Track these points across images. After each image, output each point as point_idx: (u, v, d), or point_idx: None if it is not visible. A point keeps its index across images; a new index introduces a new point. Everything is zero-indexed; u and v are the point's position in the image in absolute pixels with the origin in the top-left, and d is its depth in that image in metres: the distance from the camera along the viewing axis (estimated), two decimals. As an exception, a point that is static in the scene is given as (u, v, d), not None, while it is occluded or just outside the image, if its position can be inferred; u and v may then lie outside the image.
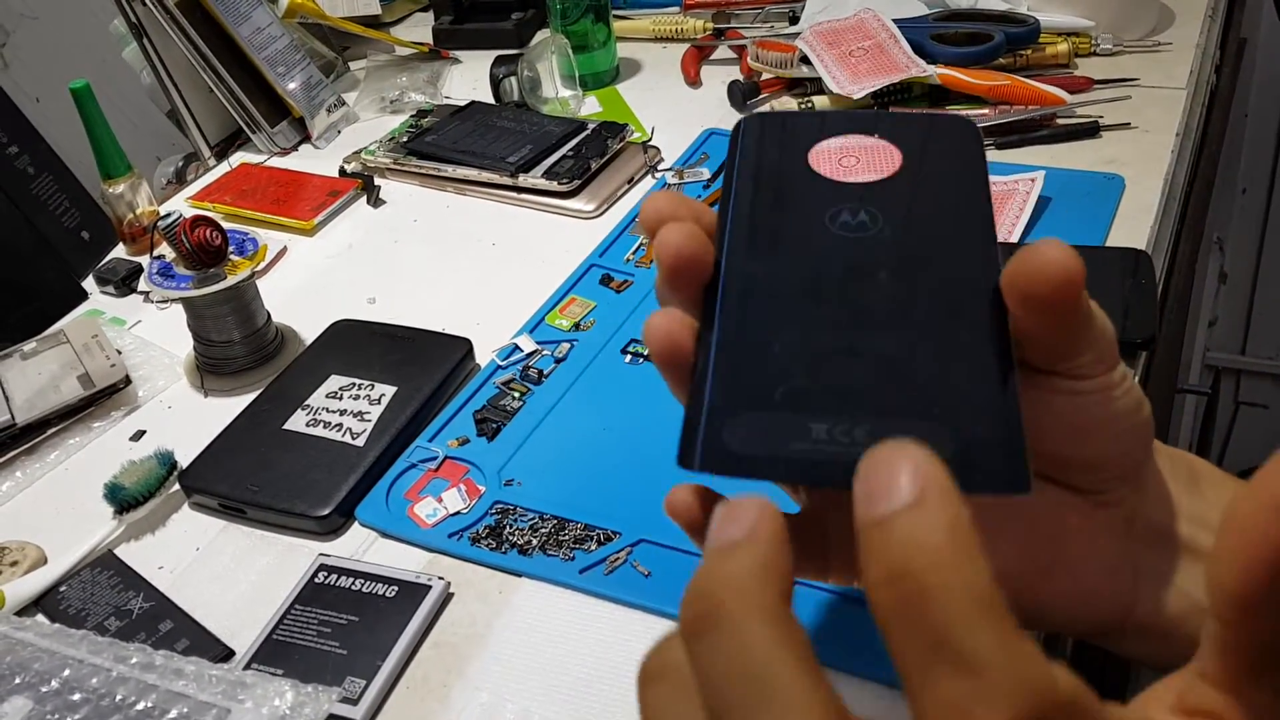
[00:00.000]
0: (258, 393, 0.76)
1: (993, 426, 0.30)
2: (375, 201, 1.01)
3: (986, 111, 0.95)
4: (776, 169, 0.39)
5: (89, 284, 0.95)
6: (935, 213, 0.37)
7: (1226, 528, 0.23)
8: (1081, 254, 0.33)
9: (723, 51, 1.18)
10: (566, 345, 0.77)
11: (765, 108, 1.04)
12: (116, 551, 0.67)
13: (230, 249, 0.77)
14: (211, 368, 0.80)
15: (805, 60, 1.02)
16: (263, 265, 0.79)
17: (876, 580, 0.22)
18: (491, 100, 1.11)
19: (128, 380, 0.79)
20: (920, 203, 0.37)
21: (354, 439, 0.70)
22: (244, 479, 0.68)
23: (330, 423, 0.71)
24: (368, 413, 0.71)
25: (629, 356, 0.76)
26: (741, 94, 1.06)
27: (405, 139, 1.05)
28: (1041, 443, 0.38)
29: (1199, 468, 0.42)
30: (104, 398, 0.78)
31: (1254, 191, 1.73)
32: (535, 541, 0.62)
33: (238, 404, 0.75)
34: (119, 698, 0.53)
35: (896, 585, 0.21)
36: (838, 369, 0.31)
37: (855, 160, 0.40)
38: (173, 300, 0.85)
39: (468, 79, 1.21)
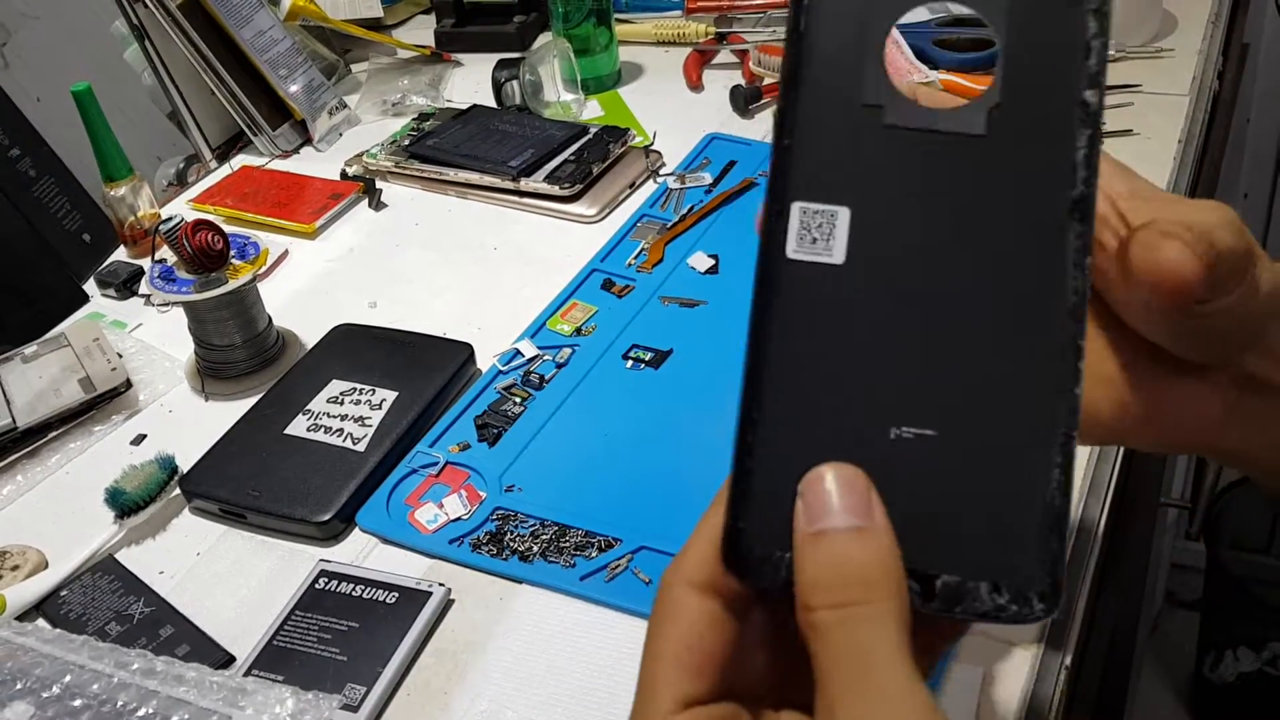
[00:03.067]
0: (259, 397, 0.76)
1: (1026, 560, 0.29)
2: (377, 205, 1.01)
3: (988, 117, 0.95)
4: (835, 95, 0.32)
5: (90, 287, 0.95)
6: (1021, 189, 0.31)
7: None
8: None
9: (725, 56, 1.18)
10: (568, 350, 0.77)
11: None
12: (117, 556, 0.67)
13: (232, 253, 0.77)
14: (212, 371, 0.80)
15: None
16: (264, 269, 0.79)
17: (812, 592, 0.24)
18: (493, 103, 1.11)
19: (129, 384, 0.79)
20: (1002, 171, 0.32)
21: (355, 444, 0.70)
22: (245, 484, 0.68)
23: (331, 428, 0.71)
24: (369, 418, 0.71)
25: (630, 362, 0.76)
26: (744, 99, 1.06)
27: (407, 142, 1.05)
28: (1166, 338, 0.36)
29: None
30: (105, 401, 0.78)
31: (1255, 197, 1.73)
32: (536, 548, 0.62)
33: (239, 408, 0.75)
34: (120, 704, 0.53)
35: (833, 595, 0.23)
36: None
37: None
38: (174, 304, 0.85)
39: (469, 82, 1.21)
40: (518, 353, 0.77)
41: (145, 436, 0.77)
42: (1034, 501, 0.29)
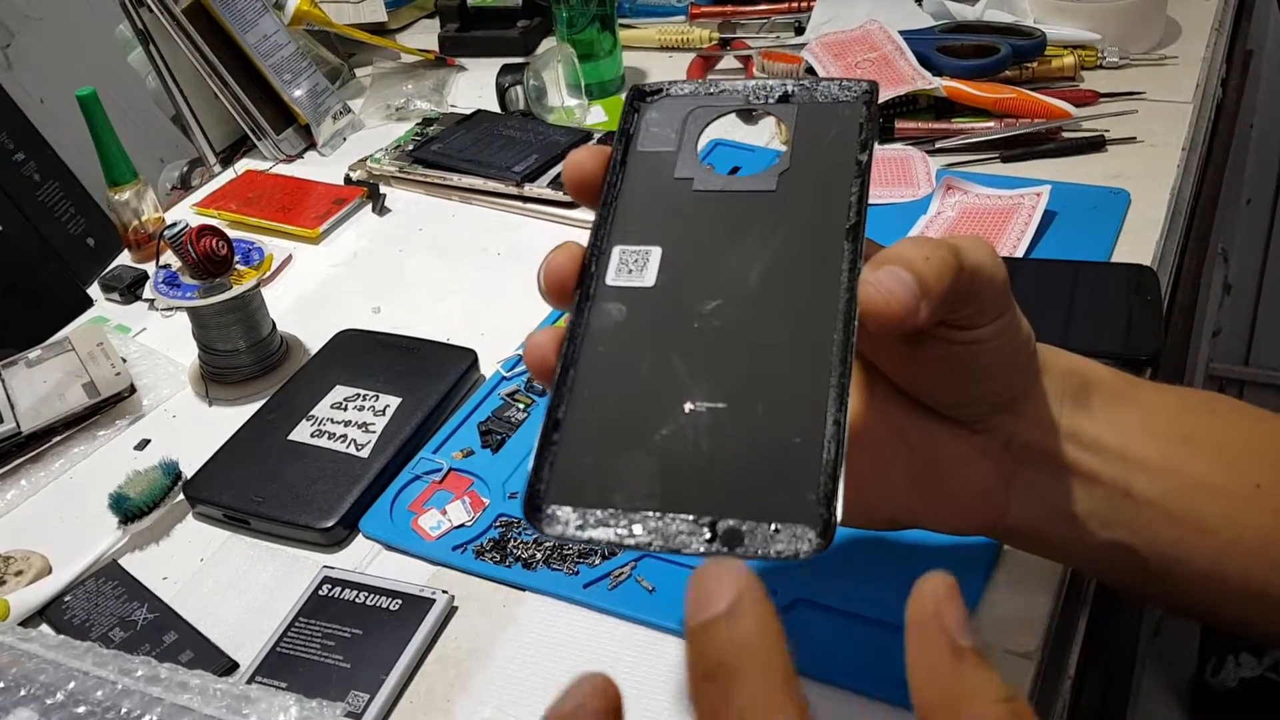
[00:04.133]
0: (262, 402, 0.76)
1: (798, 492, 0.32)
2: (380, 210, 1.01)
3: (992, 124, 0.95)
4: (654, 173, 0.41)
5: (94, 291, 0.95)
6: (803, 224, 0.38)
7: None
8: (1087, 271, 0.35)
9: (728, 61, 1.18)
10: (571, 357, 0.77)
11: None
12: (121, 562, 0.67)
13: (236, 258, 0.77)
14: (216, 377, 0.80)
15: (811, 71, 1.02)
16: (268, 274, 0.79)
17: (696, 675, 0.25)
18: (497, 109, 1.11)
19: (132, 389, 0.79)
20: (789, 213, 0.38)
21: (358, 450, 0.70)
22: (248, 490, 0.68)
23: (335, 433, 0.71)
24: (372, 424, 0.72)
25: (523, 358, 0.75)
26: (747, 104, 1.06)
27: (411, 147, 1.05)
28: (926, 387, 0.42)
29: (1094, 378, 0.44)
30: (109, 406, 0.78)
31: (1258, 203, 1.73)
32: (539, 555, 0.62)
33: (242, 413, 0.75)
34: (124, 710, 0.53)
35: (714, 676, 0.24)
36: (664, 450, 0.34)
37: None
38: (178, 309, 0.85)
39: (473, 87, 1.21)
40: (521, 359, 0.78)
41: (149, 441, 0.77)
42: (811, 454, 0.32)
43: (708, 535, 0.31)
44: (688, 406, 0.34)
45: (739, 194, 0.39)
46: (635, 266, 0.38)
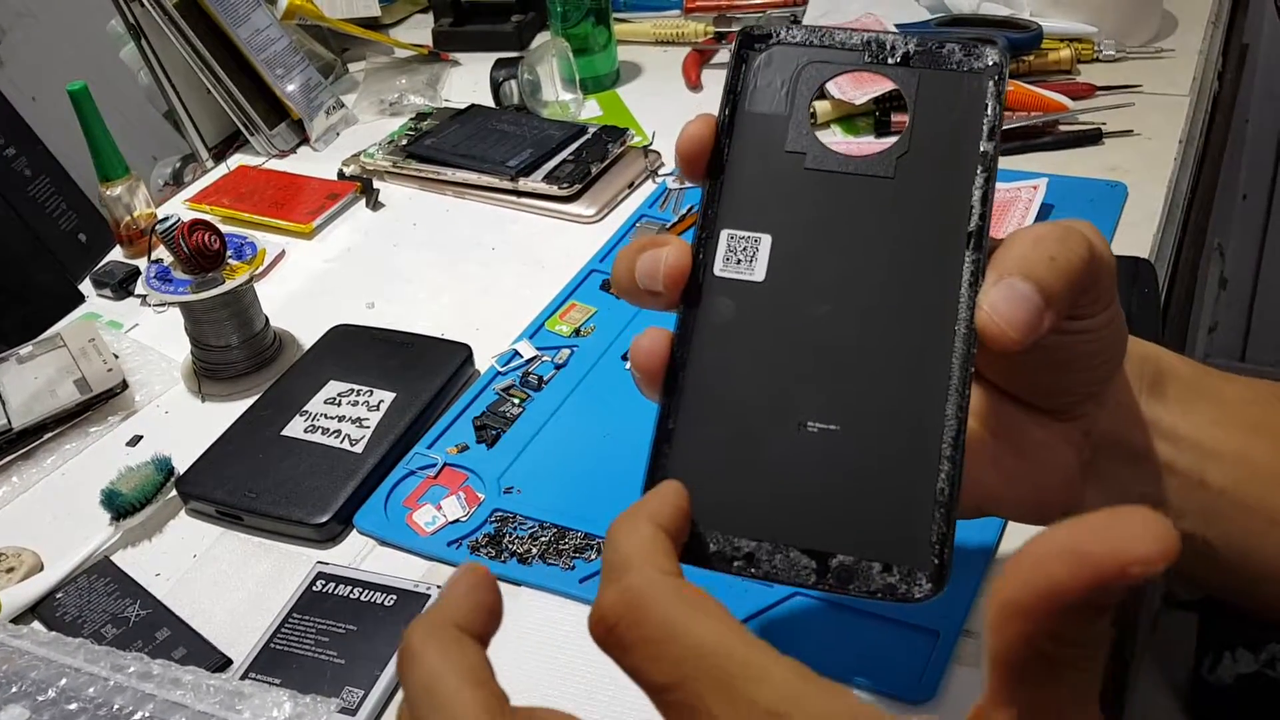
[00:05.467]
0: (256, 398, 0.75)
1: (916, 544, 0.31)
2: (374, 205, 1.00)
3: (988, 117, 0.95)
4: (764, 143, 0.38)
5: (86, 287, 0.94)
6: (922, 222, 0.36)
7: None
8: None
9: (724, 55, 1.18)
10: (566, 351, 0.77)
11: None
12: (113, 558, 0.66)
13: (228, 253, 0.77)
14: (209, 372, 0.80)
15: (807, 65, 1.01)
16: (261, 269, 0.79)
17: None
18: (491, 103, 1.11)
19: (125, 385, 0.78)
20: (907, 207, 0.36)
21: (352, 445, 0.69)
22: (241, 485, 0.67)
23: (329, 429, 0.71)
24: (366, 419, 0.71)
25: (630, 362, 0.75)
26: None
27: (405, 142, 1.05)
28: (1020, 375, 0.40)
29: (1166, 366, 0.44)
30: (101, 402, 0.77)
31: (1254, 198, 1.73)
32: (535, 550, 0.62)
33: (235, 409, 0.75)
34: (116, 707, 0.53)
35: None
36: (776, 473, 0.33)
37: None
38: (170, 304, 0.84)
39: (467, 82, 1.21)
40: (516, 354, 0.77)
41: (141, 438, 0.76)
42: (924, 492, 0.31)
43: (819, 569, 0.31)
44: (799, 426, 0.33)
45: (854, 178, 0.36)
46: (745, 256, 0.36)
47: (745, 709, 0.23)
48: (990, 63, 0.36)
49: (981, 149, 0.35)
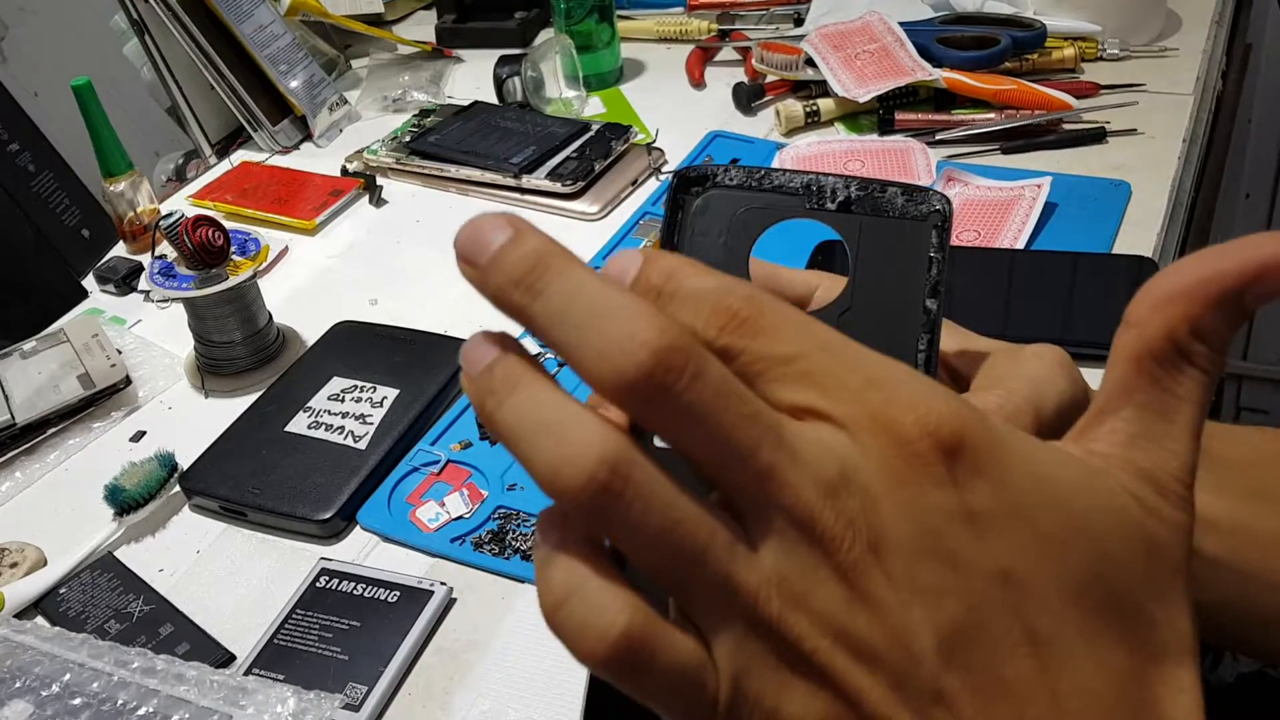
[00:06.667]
0: (259, 394, 0.75)
1: None
2: (377, 201, 1.00)
3: (993, 116, 0.95)
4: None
5: (89, 283, 0.94)
6: None
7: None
8: (1087, 262, 0.33)
9: (727, 53, 1.18)
10: (570, 348, 0.77)
11: (770, 110, 1.04)
12: (116, 554, 0.66)
13: (232, 249, 0.77)
14: (212, 368, 0.80)
15: (810, 63, 1.01)
16: (264, 265, 0.79)
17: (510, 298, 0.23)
18: (495, 100, 1.11)
19: (128, 380, 0.78)
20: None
21: (356, 442, 0.69)
22: (245, 481, 0.67)
23: (332, 425, 0.71)
24: (370, 415, 0.71)
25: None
26: (746, 96, 1.05)
27: (408, 138, 1.04)
28: None
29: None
30: (104, 398, 0.77)
31: (1257, 197, 1.73)
32: (538, 547, 0.62)
33: (239, 405, 0.75)
34: (120, 702, 0.53)
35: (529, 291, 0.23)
36: None
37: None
38: (174, 300, 0.84)
39: (471, 78, 1.21)
40: (519, 350, 0.77)
41: (145, 433, 0.76)
42: None
43: None
44: None
45: None
46: None
47: (852, 374, 0.22)
48: (934, 209, 0.35)
49: (925, 305, 0.34)
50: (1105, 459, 0.24)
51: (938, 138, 0.95)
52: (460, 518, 0.65)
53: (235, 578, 0.64)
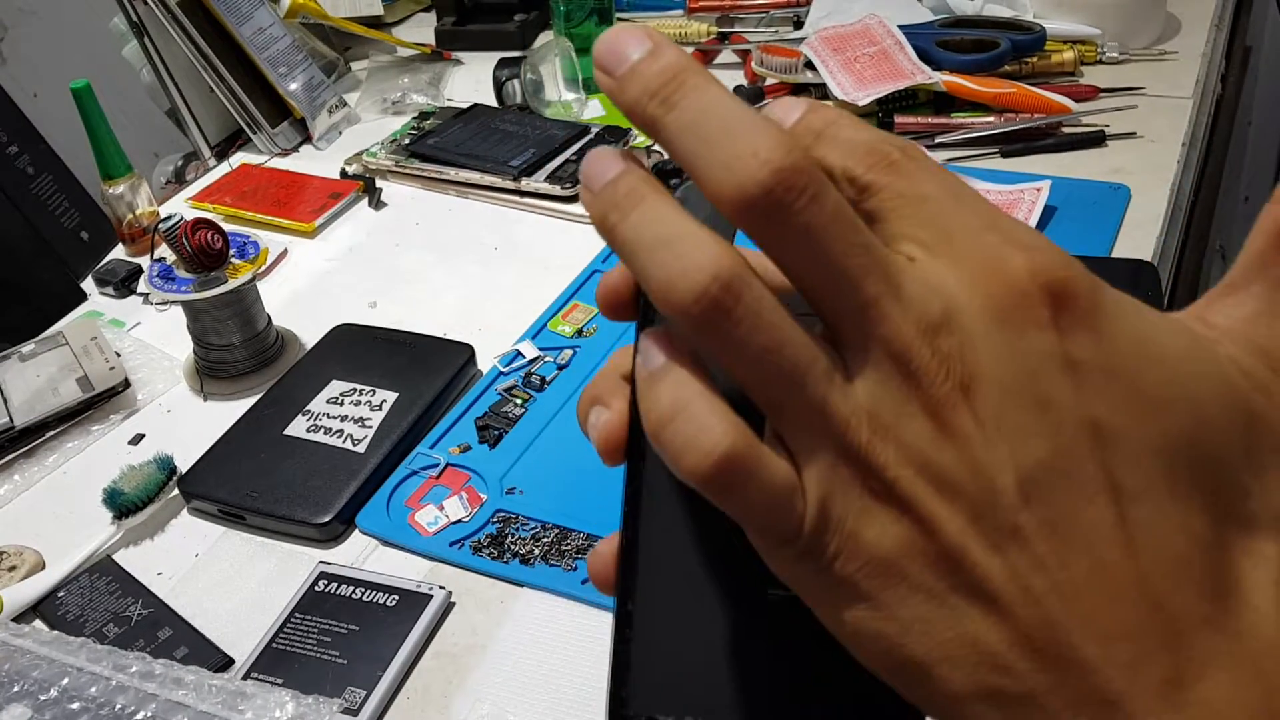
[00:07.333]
0: (258, 397, 0.75)
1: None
2: (376, 204, 1.00)
3: (992, 119, 0.95)
4: None
5: (88, 285, 0.94)
6: None
7: None
8: (1087, 266, 0.32)
9: (727, 56, 1.18)
10: (569, 352, 0.77)
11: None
12: (115, 557, 0.66)
13: (231, 252, 0.77)
14: (211, 371, 0.79)
15: (810, 66, 1.01)
16: (263, 268, 0.79)
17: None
18: (494, 102, 1.11)
19: (127, 383, 0.78)
20: None
21: (355, 445, 0.69)
22: (244, 485, 0.67)
23: (331, 428, 0.71)
24: (369, 419, 0.71)
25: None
26: (746, 99, 1.05)
27: (407, 141, 1.04)
28: None
29: None
30: (103, 401, 0.77)
31: (1256, 200, 1.73)
32: (537, 551, 0.62)
33: (238, 408, 0.75)
34: (118, 706, 0.53)
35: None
36: (743, 651, 0.30)
37: None
38: (173, 303, 0.84)
39: (470, 81, 1.21)
40: (519, 354, 0.77)
41: (143, 436, 0.76)
42: None
43: None
44: (770, 595, 0.30)
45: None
46: None
47: (975, 219, 0.23)
48: None
49: None
50: (1222, 331, 0.24)
51: (937, 141, 0.95)
52: (459, 521, 0.65)
53: (234, 581, 0.64)
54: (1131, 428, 0.22)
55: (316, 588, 0.61)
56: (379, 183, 1.02)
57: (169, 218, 0.76)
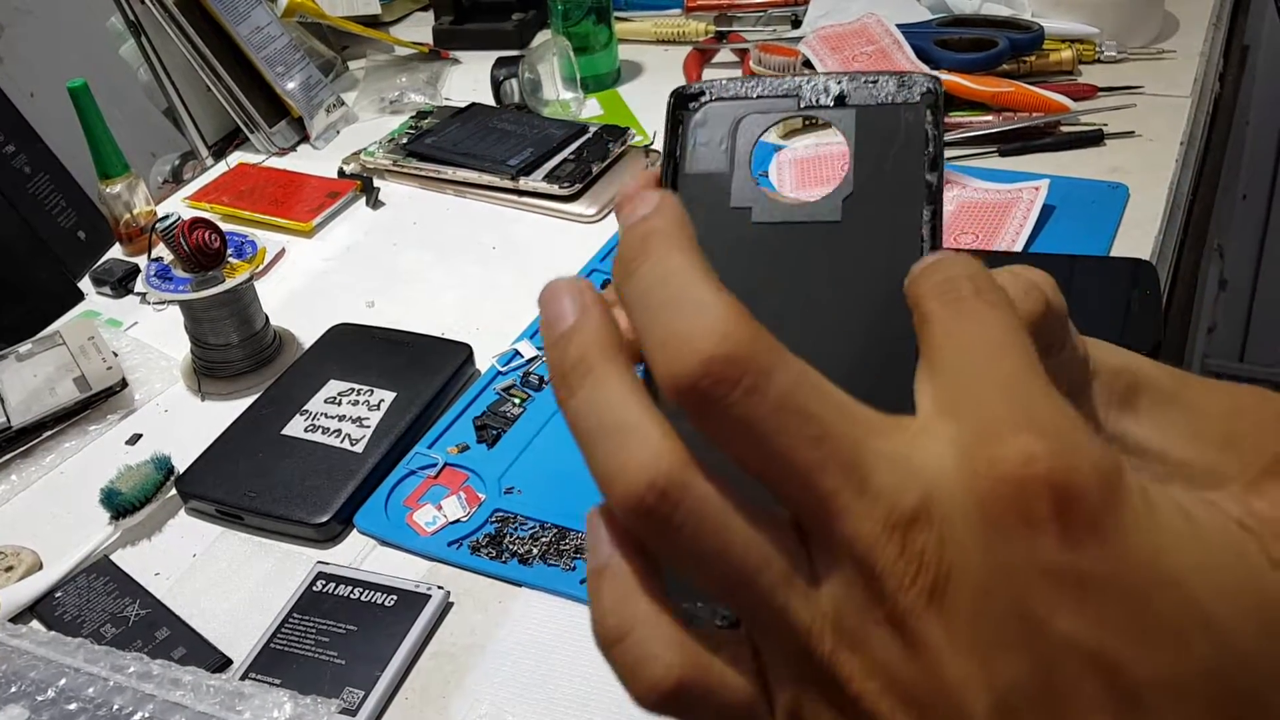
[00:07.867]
0: (255, 397, 0.75)
1: None
2: (374, 203, 1.00)
3: (990, 118, 0.95)
4: (708, 202, 0.37)
5: (85, 285, 0.94)
6: (874, 266, 0.35)
7: None
8: (1086, 265, 0.32)
9: (725, 55, 1.18)
10: (567, 351, 0.77)
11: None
12: (112, 557, 0.66)
13: (229, 251, 0.76)
14: (209, 371, 0.79)
15: (808, 65, 1.01)
16: (261, 268, 0.78)
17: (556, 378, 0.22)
18: (492, 102, 1.11)
19: (124, 383, 0.78)
20: (858, 251, 0.35)
21: (353, 445, 0.69)
22: (241, 485, 0.67)
23: (329, 428, 0.70)
24: (367, 418, 0.71)
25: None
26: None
27: (405, 140, 1.04)
28: None
29: (1144, 377, 0.41)
30: (100, 400, 0.77)
31: (1254, 198, 1.73)
32: (536, 551, 0.62)
33: (235, 408, 0.75)
34: (116, 707, 0.53)
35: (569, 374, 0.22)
36: None
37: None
38: (170, 303, 0.84)
39: (468, 80, 1.21)
40: (517, 353, 0.77)
41: (141, 436, 0.76)
42: None
43: None
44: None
45: (802, 226, 0.36)
46: None
47: (984, 384, 0.22)
48: (925, 90, 0.35)
49: (926, 180, 0.35)
50: (1266, 524, 0.21)
51: (935, 140, 0.95)
52: (457, 521, 0.64)
53: (231, 581, 0.64)
54: (1139, 660, 0.19)
55: (314, 588, 0.61)
56: (377, 182, 1.02)
57: (166, 217, 0.76)
